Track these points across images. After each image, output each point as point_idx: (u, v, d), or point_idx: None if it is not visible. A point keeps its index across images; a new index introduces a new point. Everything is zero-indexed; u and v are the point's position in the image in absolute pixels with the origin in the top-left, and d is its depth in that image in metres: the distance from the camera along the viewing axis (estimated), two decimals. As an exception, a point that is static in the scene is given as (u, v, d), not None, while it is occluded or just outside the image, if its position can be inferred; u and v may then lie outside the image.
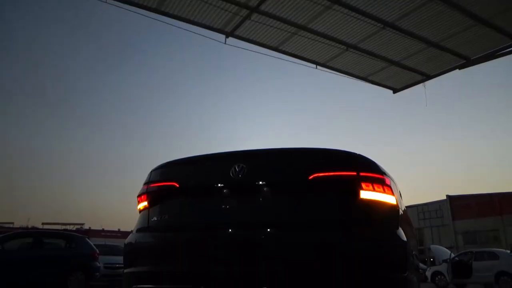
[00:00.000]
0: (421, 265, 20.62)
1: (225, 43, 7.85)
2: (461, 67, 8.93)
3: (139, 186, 2.66)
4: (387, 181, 2.17)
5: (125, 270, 2.45)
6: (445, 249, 19.11)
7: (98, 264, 10.42)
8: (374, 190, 2.09)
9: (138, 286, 2.32)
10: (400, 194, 2.58)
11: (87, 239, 11.11)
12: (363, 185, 2.09)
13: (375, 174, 2.15)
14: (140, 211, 2.60)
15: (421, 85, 9.77)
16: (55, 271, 9.41)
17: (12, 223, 41.65)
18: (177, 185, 2.40)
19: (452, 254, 16.89)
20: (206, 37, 7.68)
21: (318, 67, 9.02)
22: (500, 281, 13.89)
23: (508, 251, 15.28)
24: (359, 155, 2.25)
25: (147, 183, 2.59)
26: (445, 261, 16.06)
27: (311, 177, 2.12)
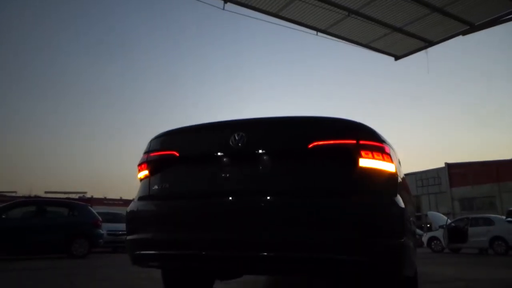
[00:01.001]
0: (418, 231, 21.08)
1: (223, 9, 7.65)
2: (464, 33, 8.76)
3: (140, 155, 2.67)
4: (387, 149, 2.18)
5: (128, 237, 2.51)
6: (442, 215, 19.44)
7: (101, 231, 10.64)
8: (373, 158, 2.10)
9: (141, 252, 2.38)
10: (399, 162, 2.59)
11: (89, 207, 11.29)
12: (363, 153, 2.09)
13: (374, 142, 2.15)
14: (141, 179, 2.62)
15: (423, 52, 9.62)
16: (59, 238, 9.65)
17: (15, 192, 42.18)
18: (177, 154, 2.41)
19: (448, 220, 17.21)
20: (204, 2, 7.49)
21: (318, 33, 8.85)
22: (495, 245, 14.24)
23: (504, 217, 15.56)
24: (359, 123, 2.24)
25: (147, 152, 2.60)
26: (441, 227, 16.39)
27: (310, 145, 2.12)
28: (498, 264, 8.58)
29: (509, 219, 14.77)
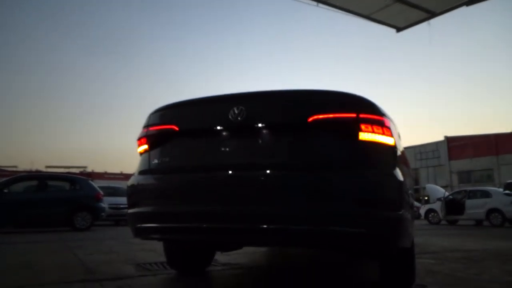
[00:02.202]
0: (416, 203, 21.31)
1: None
2: (468, 3, 8.56)
3: (140, 129, 2.67)
4: (386, 122, 2.18)
5: (129, 211, 2.54)
6: (440, 188, 19.63)
7: (103, 205, 10.78)
8: (373, 131, 2.10)
9: (142, 225, 2.42)
10: (399, 135, 2.60)
11: (90, 181, 11.39)
12: (363, 126, 2.09)
13: (374, 116, 2.14)
14: (141, 154, 2.63)
15: (425, 23, 9.43)
16: (62, 211, 9.81)
17: (16, 166, 42.42)
18: (177, 128, 2.41)
19: (446, 193, 17.40)
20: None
21: (319, 4, 8.65)
22: (491, 217, 14.48)
23: (501, 190, 15.72)
24: (359, 96, 2.23)
25: (146, 126, 2.60)
26: (439, 199, 16.60)
27: (310, 119, 2.12)
28: (494, 235, 8.74)
29: (506, 191, 14.94)
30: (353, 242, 2.03)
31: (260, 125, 2.22)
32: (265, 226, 2.04)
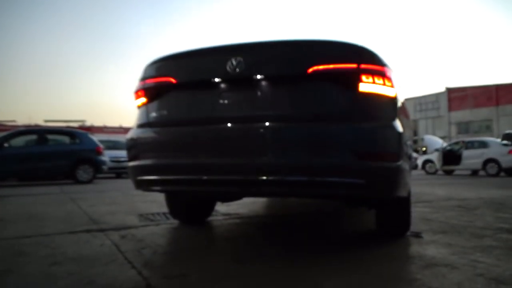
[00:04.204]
0: (413, 154, 21.52)
1: None
2: None
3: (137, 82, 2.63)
4: (388, 73, 2.14)
5: (130, 164, 2.57)
6: (438, 138, 19.76)
7: (104, 158, 10.89)
8: (374, 82, 2.07)
9: (143, 177, 2.45)
10: (399, 86, 2.56)
11: (90, 135, 11.42)
12: (363, 77, 2.05)
13: (376, 66, 2.10)
14: (139, 107, 2.61)
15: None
16: (64, 164, 9.94)
17: (15, 121, 42.30)
18: (174, 81, 2.37)
19: (444, 143, 17.52)
20: None
21: None
22: (487, 167, 14.70)
23: (499, 140, 15.83)
24: (360, 46, 2.16)
25: (142, 78, 2.56)
26: (436, 150, 16.76)
27: (310, 70, 2.08)
28: (489, 185, 8.92)
29: (504, 142, 15.05)
30: (352, 192, 2.07)
31: (258, 76, 2.18)
32: (264, 177, 2.06)
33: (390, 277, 1.79)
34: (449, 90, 47.11)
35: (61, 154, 10.04)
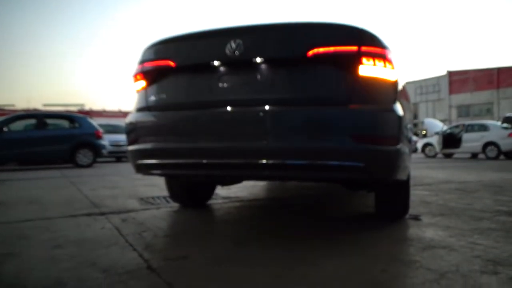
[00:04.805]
0: (413, 137, 21.52)
1: None
2: None
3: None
4: (388, 55, 2.11)
5: (129, 147, 2.57)
6: (438, 122, 19.72)
7: (104, 142, 10.89)
8: (374, 65, 2.05)
9: (143, 161, 2.46)
10: (400, 69, 2.54)
11: (89, 119, 11.40)
12: (364, 60, 2.03)
13: (376, 49, 2.07)
14: (138, 91, 2.59)
15: None
16: (64, 148, 9.95)
17: (13, 105, 42.17)
18: (173, 64, 2.35)
19: (444, 126, 17.51)
20: None
21: None
22: (487, 150, 14.73)
23: (499, 123, 15.81)
24: (361, 28, 2.13)
25: (141, 62, 2.53)
26: (436, 133, 16.76)
27: (310, 52, 2.06)
28: (488, 168, 8.95)
29: (504, 125, 15.03)
30: (351, 175, 2.07)
31: (258, 59, 2.16)
32: (264, 161, 2.06)
33: (389, 259, 1.81)
34: (450, 73, 46.84)
35: (60, 138, 10.05)
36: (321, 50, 2.06)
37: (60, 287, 1.48)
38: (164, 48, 2.47)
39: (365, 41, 2.07)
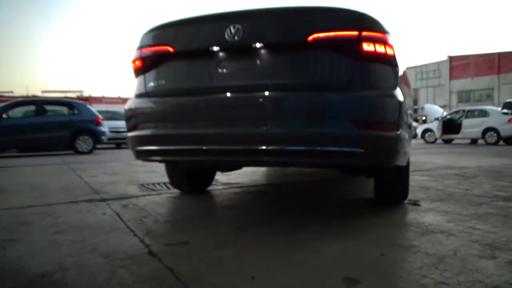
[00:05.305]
0: (413, 123, 21.50)
1: None
2: None
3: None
4: (389, 40, 2.09)
5: (128, 134, 2.56)
6: (438, 107, 19.67)
7: (103, 129, 10.88)
8: (375, 50, 2.03)
9: (142, 148, 2.46)
10: (401, 54, 2.52)
11: (88, 105, 11.36)
12: (365, 45, 2.01)
13: (377, 34, 2.05)
14: (136, 77, 2.58)
15: None
16: (64, 135, 9.94)
17: (12, 91, 41.98)
18: (171, 49, 2.33)
19: (444, 112, 17.48)
20: None
21: None
22: (487, 136, 14.73)
23: (499, 109, 15.78)
24: (362, 12, 2.11)
25: (139, 47, 2.51)
26: (436, 119, 16.73)
27: (310, 37, 2.04)
28: (487, 153, 8.96)
29: (504, 110, 15.00)
30: (351, 161, 2.07)
31: (257, 44, 2.14)
32: (264, 147, 2.06)
33: (388, 244, 1.82)
34: (451, 58, 46.53)
35: (60, 125, 10.03)
36: (322, 35, 2.03)
37: (63, 272, 1.49)
38: (162, 33, 2.44)
39: (365, 26, 2.04)
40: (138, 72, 2.54)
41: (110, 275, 1.45)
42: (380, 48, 2.04)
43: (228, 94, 2.17)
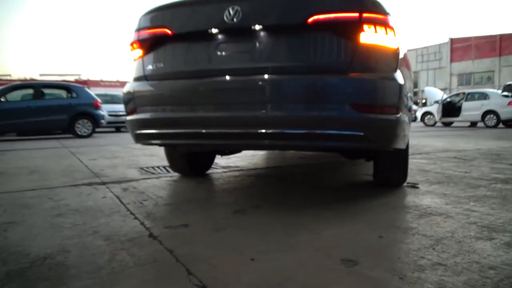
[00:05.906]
0: (413, 106, 21.44)
1: None
2: None
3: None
4: (390, 22, 2.07)
5: (127, 117, 2.56)
6: (439, 90, 19.61)
7: (102, 112, 10.85)
8: (376, 32, 2.01)
9: (141, 131, 2.45)
10: (402, 36, 2.49)
11: (87, 88, 11.30)
12: (365, 26, 1.99)
13: (378, 15, 2.03)
14: (135, 60, 2.55)
15: None
16: (63, 118, 9.92)
17: (9, 75, 41.71)
18: (169, 31, 2.30)
19: (444, 95, 17.42)
20: None
21: None
22: (486, 119, 14.72)
23: (499, 91, 15.73)
24: None
25: (137, 29, 2.48)
26: (436, 102, 16.70)
27: (310, 19, 2.01)
28: (487, 136, 8.97)
29: (504, 93, 14.95)
30: (351, 144, 2.07)
31: (257, 26, 2.11)
32: (263, 130, 2.06)
33: (386, 226, 1.84)
34: (452, 40, 46.11)
35: (59, 108, 10.00)
36: (322, 17, 2.01)
37: (64, 254, 1.51)
38: (160, 15, 2.41)
39: (366, 8, 2.02)
40: (136, 55, 2.51)
41: (111, 257, 1.47)
42: (381, 30, 2.02)
43: (227, 77, 2.15)
